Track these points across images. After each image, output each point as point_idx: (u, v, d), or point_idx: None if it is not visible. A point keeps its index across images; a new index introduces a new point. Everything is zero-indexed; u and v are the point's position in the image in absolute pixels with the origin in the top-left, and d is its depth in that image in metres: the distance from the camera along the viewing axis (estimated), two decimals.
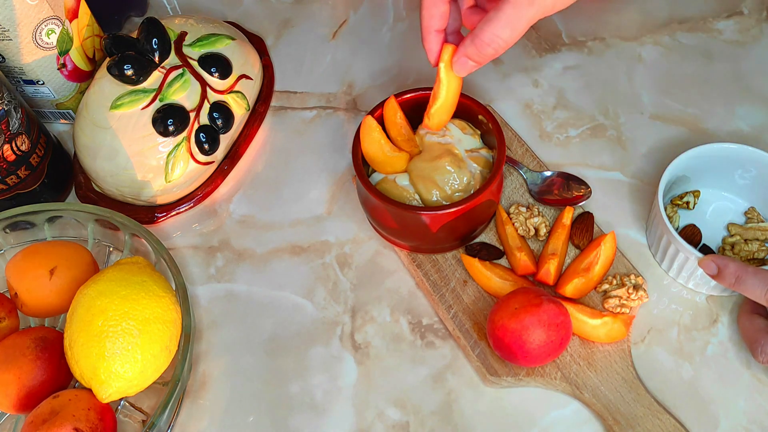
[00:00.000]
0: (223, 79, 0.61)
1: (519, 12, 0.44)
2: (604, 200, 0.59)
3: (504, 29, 0.45)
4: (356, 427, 0.51)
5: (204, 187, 0.62)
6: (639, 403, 0.49)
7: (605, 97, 0.66)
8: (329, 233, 0.60)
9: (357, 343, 0.54)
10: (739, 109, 0.64)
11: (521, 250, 0.54)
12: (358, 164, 0.54)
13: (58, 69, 0.62)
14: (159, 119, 0.57)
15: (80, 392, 0.46)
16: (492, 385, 0.51)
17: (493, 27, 0.45)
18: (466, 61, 0.48)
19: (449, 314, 0.53)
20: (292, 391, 0.53)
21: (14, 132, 0.56)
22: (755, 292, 0.47)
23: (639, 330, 0.53)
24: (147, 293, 0.47)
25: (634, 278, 0.53)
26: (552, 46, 0.70)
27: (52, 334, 0.49)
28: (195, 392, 0.53)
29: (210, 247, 0.60)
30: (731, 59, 0.67)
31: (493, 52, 0.47)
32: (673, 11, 0.71)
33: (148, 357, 0.46)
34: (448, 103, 0.53)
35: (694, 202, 0.57)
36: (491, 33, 0.45)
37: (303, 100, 0.69)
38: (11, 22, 0.57)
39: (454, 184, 0.52)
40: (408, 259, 0.56)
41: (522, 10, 0.44)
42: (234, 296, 0.57)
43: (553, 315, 0.47)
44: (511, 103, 0.66)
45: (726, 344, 0.52)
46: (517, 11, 0.44)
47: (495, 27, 0.45)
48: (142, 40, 0.59)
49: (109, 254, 0.58)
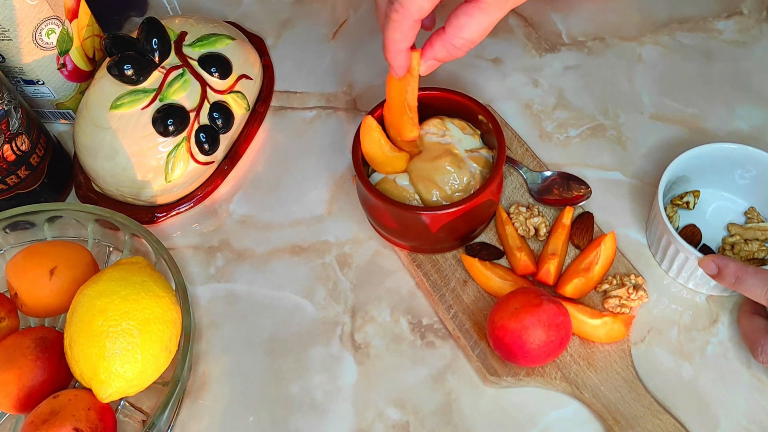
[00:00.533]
0: (223, 79, 0.61)
1: (489, 17, 0.45)
2: (604, 200, 0.59)
3: (474, 32, 0.46)
4: (356, 427, 0.51)
5: (204, 187, 0.62)
6: (639, 403, 0.49)
7: (605, 97, 0.66)
8: (329, 233, 0.60)
9: (357, 343, 0.54)
10: (739, 109, 0.64)
11: (521, 250, 0.54)
12: (358, 164, 0.54)
13: (58, 69, 0.62)
14: (159, 119, 0.57)
15: (80, 392, 0.46)
16: (492, 385, 0.51)
17: (464, 32, 0.46)
18: (435, 63, 0.49)
19: (449, 314, 0.53)
20: (292, 391, 0.53)
21: (14, 132, 0.56)
22: (755, 292, 0.47)
23: (639, 330, 0.53)
24: (147, 293, 0.47)
25: (634, 278, 0.53)
26: (552, 46, 0.70)
27: (52, 334, 0.49)
28: (195, 392, 0.53)
29: (210, 247, 0.60)
30: (731, 59, 0.67)
31: (463, 54, 0.47)
32: (673, 11, 0.71)
33: (148, 357, 0.46)
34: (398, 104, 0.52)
35: (694, 202, 0.57)
36: (463, 39, 0.46)
37: (303, 100, 0.69)
38: (11, 22, 0.57)
39: (454, 184, 0.52)
40: (408, 259, 0.56)
41: (492, 15, 0.45)
42: (234, 296, 0.57)
43: (553, 315, 0.47)
44: (511, 103, 0.66)
45: (726, 344, 0.52)
46: (487, 17, 0.45)
47: (467, 32, 0.46)
48: (142, 40, 0.59)
49: (109, 254, 0.58)
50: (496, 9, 0.45)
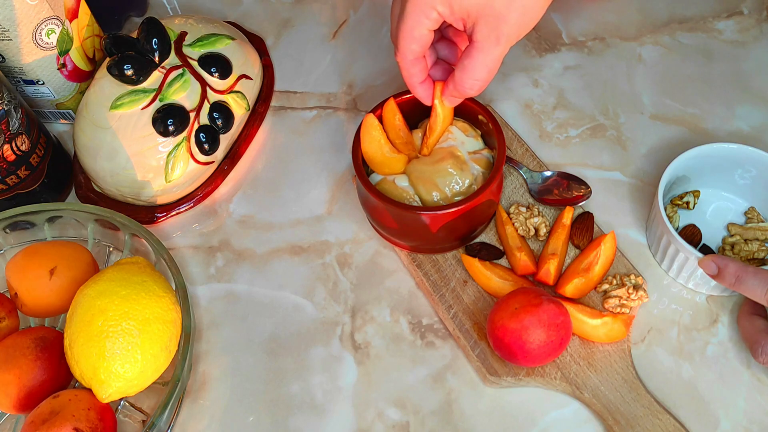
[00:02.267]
0: (223, 79, 0.61)
1: (490, 54, 0.47)
2: (604, 200, 0.59)
3: (481, 72, 0.48)
4: (356, 427, 0.51)
5: (204, 187, 0.62)
6: (639, 403, 0.49)
7: (605, 97, 0.66)
8: (329, 233, 0.60)
9: (357, 343, 0.54)
10: (739, 109, 0.64)
11: (521, 250, 0.54)
12: (358, 164, 0.54)
13: (58, 69, 0.62)
14: (159, 119, 0.57)
15: (80, 392, 0.46)
16: (492, 385, 0.51)
17: (469, 74, 0.48)
18: (454, 99, 0.52)
19: (449, 314, 0.53)
20: (292, 391, 0.53)
21: (14, 132, 0.56)
22: (755, 292, 0.47)
23: (639, 330, 0.53)
24: (147, 293, 0.47)
25: (634, 278, 0.53)
26: (552, 46, 0.70)
27: (52, 334, 0.49)
28: (195, 392, 0.53)
29: (210, 247, 0.60)
30: (731, 59, 0.67)
31: (476, 92, 0.50)
32: (673, 11, 0.71)
33: (148, 357, 0.46)
34: (442, 133, 0.55)
35: (694, 202, 0.57)
36: (470, 80, 0.49)
37: (303, 100, 0.69)
38: (11, 22, 0.57)
39: (455, 186, 0.52)
40: (408, 259, 0.56)
41: (492, 52, 0.47)
42: (234, 296, 0.57)
43: (553, 315, 0.47)
44: (511, 103, 0.66)
45: (726, 344, 0.52)
46: (486, 54, 0.47)
47: (472, 73, 0.48)
48: (142, 40, 0.59)
49: (109, 254, 0.58)
50: (491, 45, 0.47)
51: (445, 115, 0.54)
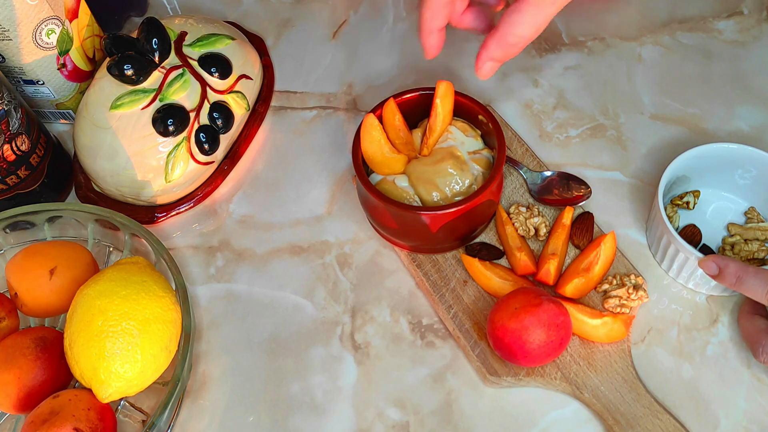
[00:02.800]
0: (223, 79, 0.61)
1: (543, 11, 0.44)
2: (604, 200, 0.59)
3: (529, 29, 0.45)
4: (356, 427, 0.51)
5: (204, 187, 0.62)
6: (639, 403, 0.49)
7: (605, 97, 0.66)
8: (329, 233, 0.60)
9: (357, 343, 0.54)
10: (739, 109, 0.64)
11: (521, 250, 0.54)
12: (358, 164, 0.54)
13: (58, 69, 0.62)
14: (159, 119, 0.57)
15: (80, 392, 0.46)
16: (492, 385, 0.51)
17: (517, 29, 0.45)
18: (493, 64, 0.48)
19: (449, 314, 0.53)
20: (292, 391, 0.53)
21: (14, 132, 0.56)
22: (756, 292, 0.47)
23: (639, 330, 0.53)
24: (147, 293, 0.47)
25: (634, 278, 0.53)
26: (552, 46, 0.70)
27: (52, 334, 0.49)
28: (195, 392, 0.53)
29: (210, 247, 0.60)
30: (731, 59, 0.67)
31: (518, 51, 0.47)
32: (673, 11, 0.71)
33: (148, 357, 0.46)
34: (442, 133, 0.55)
35: (694, 202, 0.57)
36: (517, 36, 0.45)
37: (303, 100, 0.69)
38: (11, 22, 0.57)
39: (455, 186, 0.52)
40: (408, 259, 0.56)
41: (546, 10, 0.44)
42: (234, 296, 0.57)
43: (553, 315, 0.47)
44: (511, 103, 0.66)
45: (726, 344, 0.52)
46: (539, 10, 0.44)
47: (520, 29, 0.45)
48: (142, 40, 0.59)
49: (109, 254, 0.58)
50: (548, 4, 0.44)
51: (445, 115, 0.54)
